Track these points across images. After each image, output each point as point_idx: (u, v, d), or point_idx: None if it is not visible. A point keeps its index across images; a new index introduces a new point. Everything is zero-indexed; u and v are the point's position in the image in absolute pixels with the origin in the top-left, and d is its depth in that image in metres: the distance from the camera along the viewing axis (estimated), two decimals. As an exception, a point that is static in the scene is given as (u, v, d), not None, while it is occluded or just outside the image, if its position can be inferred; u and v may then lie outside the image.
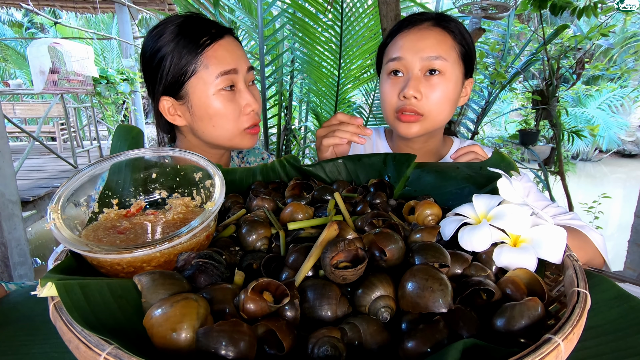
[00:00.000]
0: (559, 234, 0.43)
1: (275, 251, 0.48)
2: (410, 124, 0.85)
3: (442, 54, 0.81)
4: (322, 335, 0.32)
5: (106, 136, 7.95)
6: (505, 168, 0.56)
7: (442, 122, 0.87)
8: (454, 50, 0.83)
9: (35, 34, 10.85)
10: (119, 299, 0.36)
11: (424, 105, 0.83)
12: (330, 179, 0.74)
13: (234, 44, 0.84)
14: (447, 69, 0.82)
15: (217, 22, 0.84)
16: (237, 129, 0.84)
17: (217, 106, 0.81)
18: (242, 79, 0.83)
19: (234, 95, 0.83)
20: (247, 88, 0.84)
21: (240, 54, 0.84)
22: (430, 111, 0.83)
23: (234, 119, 0.83)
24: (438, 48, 0.81)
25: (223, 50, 0.80)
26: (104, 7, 6.19)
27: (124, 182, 0.56)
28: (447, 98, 0.83)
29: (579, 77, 2.96)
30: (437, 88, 0.82)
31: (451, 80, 0.82)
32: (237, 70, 0.81)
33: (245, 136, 0.86)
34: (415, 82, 0.82)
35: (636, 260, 2.08)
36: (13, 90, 5.85)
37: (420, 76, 0.83)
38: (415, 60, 0.82)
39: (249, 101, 0.83)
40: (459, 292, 0.38)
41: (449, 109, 0.85)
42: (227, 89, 0.81)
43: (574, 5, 2.04)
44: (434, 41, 0.82)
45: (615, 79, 8.72)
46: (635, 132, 9.60)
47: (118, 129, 0.68)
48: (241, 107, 0.83)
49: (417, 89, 0.81)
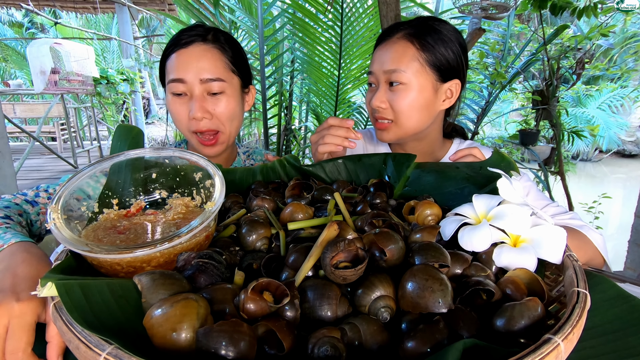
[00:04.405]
0: (559, 234, 0.43)
1: (275, 251, 0.48)
2: (383, 131, 0.93)
3: (400, 67, 0.86)
4: (322, 335, 0.32)
5: (106, 136, 7.95)
6: (505, 168, 0.56)
7: (414, 127, 0.91)
8: (417, 60, 0.87)
9: (35, 34, 10.86)
10: (119, 299, 0.36)
11: (390, 113, 0.90)
12: (330, 179, 0.74)
13: (197, 53, 0.87)
14: (408, 79, 0.86)
15: (199, 29, 0.89)
16: (187, 130, 0.91)
17: (170, 107, 0.91)
18: (194, 87, 0.86)
19: (185, 100, 0.88)
20: (200, 96, 0.87)
21: (199, 65, 0.86)
22: (398, 118, 0.89)
23: (181, 121, 0.90)
24: (397, 61, 0.87)
25: (179, 59, 0.87)
26: (104, 7, 6.19)
27: (124, 182, 0.56)
28: (412, 105, 0.88)
29: (579, 77, 2.96)
30: (399, 97, 0.87)
31: (413, 89, 0.87)
32: (183, 80, 0.86)
33: (198, 144, 0.91)
34: (380, 94, 0.89)
35: (636, 260, 2.08)
36: (13, 91, 5.85)
37: (385, 87, 0.90)
38: (380, 73, 0.90)
39: (193, 108, 0.86)
40: (459, 292, 0.38)
41: (417, 115, 0.89)
42: (177, 94, 0.88)
43: (574, 6, 2.04)
44: (395, 54, 0.87)
45: (615, 79, 8.72)
46: (635, 132, 9.60)
47: (118, 129, 0.68)
48: (188, 112, 0.88)
49: (380, 100, 0.89)
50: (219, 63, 0.88)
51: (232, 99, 0.90)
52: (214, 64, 0.87)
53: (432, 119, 0.91)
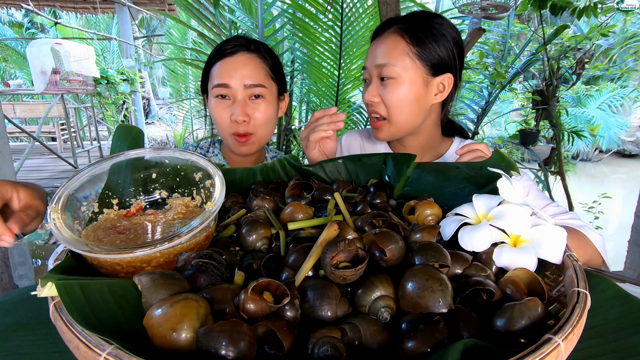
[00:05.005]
0: (559, 234, 0.43)
1: (276, 251, 0.48)
2: (377, 130, 0.93)
3: (390, 61, 0.86)
4: (322, 335, 0.32)
5: (106, 136, 7.94)
6: (505, 168, 0.56)
7: (406, 122, 0.91)
8: (407, 55, 0.87)
9: (35, 34, 10.86)
10: (119, 299, 0.36)
11: (382, 108, 0.90)
12: (330, 179, 0.74)
13: (241, 61, 0.94)
14: (398, 73, 0.87)
15: (241, 40, 0.98)
16: (226, 132, 0.98)
17: (212, 110, 0.98)
18: (237, 92, 0.94)
19: (228, 104, 0.95)
20: (242, 101, 0.94)
21: (243, 72, 0.94)
22: (391, 113, 0.90)
23: (222, 124, 0.97)
24: (387, 55, 0.87)
25: (224, 66, 0.95)
26: (104, 8, 6.19)
27: (124, 182, 0.56)
28: (402, 100, 0.88)
29: (579, 77, 2.96)
30: (390, 91, 0.88)
31: (404, 83, 0.87)
32: (228, 85, 0.93)
33: (234, 142, 0.98)
34: (372, 88, 0.90)
35: (636, 260, 2.08)
36: (13, 91, 5.85)
37: (377, 82, 0.90)
38: (372, 67, 0.90)
39: (235, 112, 0.93)
40: (459, 292, 0.38)
41: (408, 109, 0.89)
42: (220, 97, 0.95)
43: (574, 6, 2.03)
44: (386, 49, 0.88)
45: (615, 79, 8.71)
46: (635, 132, 9.59)
47: (118, 129, 0.68)
48: (230, 115, 0.95)
49: (372, 94, 0.90)
50: (261, 70, 0.96)
51: (270, 105, 0.98)
52: (257, 71, 0.95)
53: (424, 113, 0.92)
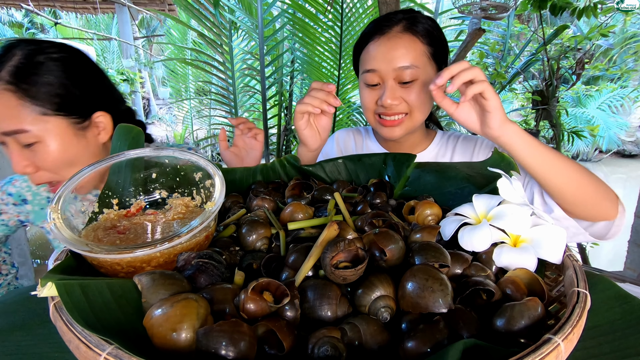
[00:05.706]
0: (559, 233, 0.43)
1: (275, 251, 0.48)
2: (393, 127, 0.90)
3: (413, 62, 0.84)
4: (322, 335, 0.32)
5: (106, 136, 7.92)
6: (505, 168, 0.56)
7: (422, 119, 0.92)
8: (424, 54, 0.86)
9: (35, 35, 10.84)
10: (119, 299, 0.36)
11: (404, 107, 0.88)
12: (330, 179, 0.74)
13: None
14: (420, 74, 0.85)
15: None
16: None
17: None
18: (9, 139, 0.75)
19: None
20: (13, 148, 0.75)
21: (4, 115, 0.73)
22: (412, 111, 0.89)
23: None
24: (409, 56, 0.84)
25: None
26: (104, 8, 6.19)
27: (124, 182, 0.56)
28: (423, 99, 0.88)
29: (579, 78, 2.96)
30: (413, 92, 0.86)
31: (425, 83, 0.86)
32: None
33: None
34: (391, 92, 0.86)
35: (636, 260, 2.08)
36: (13, 91, 5.83)
37: (395, 85, 0.87)
38: (389, 70, 0.85)
39: (12, 162, 0.76)
40: (459, 292, 0.38)
41: (426, 107, 0.90)
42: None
43: (574, 6, 2.03)
44: (404, 50, 0.85)
45: (615, 79, 8.71)
46: (635, 133, 9.59)
47: (118, 129, 0.68)
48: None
49: (394, 97, 0.86)
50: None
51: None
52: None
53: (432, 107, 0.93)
